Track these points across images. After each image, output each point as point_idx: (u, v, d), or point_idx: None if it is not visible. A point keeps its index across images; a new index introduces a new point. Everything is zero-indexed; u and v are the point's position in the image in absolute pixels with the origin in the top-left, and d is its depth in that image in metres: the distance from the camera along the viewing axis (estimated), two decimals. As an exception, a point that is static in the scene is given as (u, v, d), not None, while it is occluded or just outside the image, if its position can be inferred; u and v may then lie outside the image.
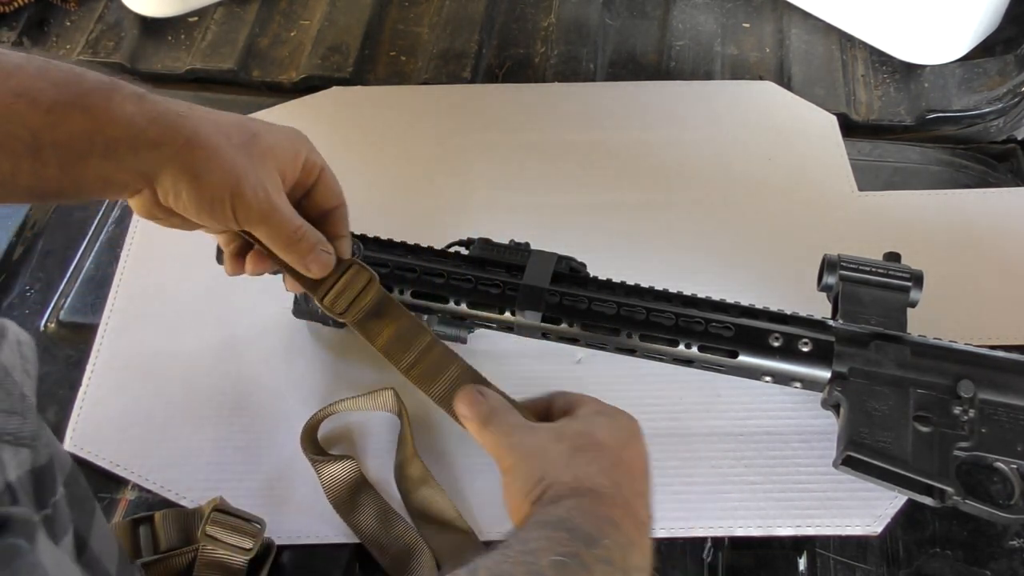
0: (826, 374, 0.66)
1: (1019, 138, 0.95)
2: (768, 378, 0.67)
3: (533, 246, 0.71)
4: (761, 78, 1.01)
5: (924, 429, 0.63)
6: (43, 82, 0.48)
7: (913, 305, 0.68)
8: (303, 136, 0.59)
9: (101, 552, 0.47)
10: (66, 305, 0.82)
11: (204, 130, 0.53)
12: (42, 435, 0.41)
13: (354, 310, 0.59)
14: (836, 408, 0.66)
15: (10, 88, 0.47)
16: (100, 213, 0.89)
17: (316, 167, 0.59)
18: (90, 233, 0.87)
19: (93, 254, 0.86)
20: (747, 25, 1.08)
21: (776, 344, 0.66)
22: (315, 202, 0.60)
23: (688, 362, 0.67)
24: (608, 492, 0.48)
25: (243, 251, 0.61)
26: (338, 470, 0.68)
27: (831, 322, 0.67)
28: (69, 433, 0.72)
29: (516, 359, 0.75)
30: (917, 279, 0.68)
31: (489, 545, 0.58)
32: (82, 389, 0.74)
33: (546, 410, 0.56)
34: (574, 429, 0.52)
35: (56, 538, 0.39)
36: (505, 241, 0.72)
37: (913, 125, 0.97)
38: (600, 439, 0.51)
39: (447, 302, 0.69)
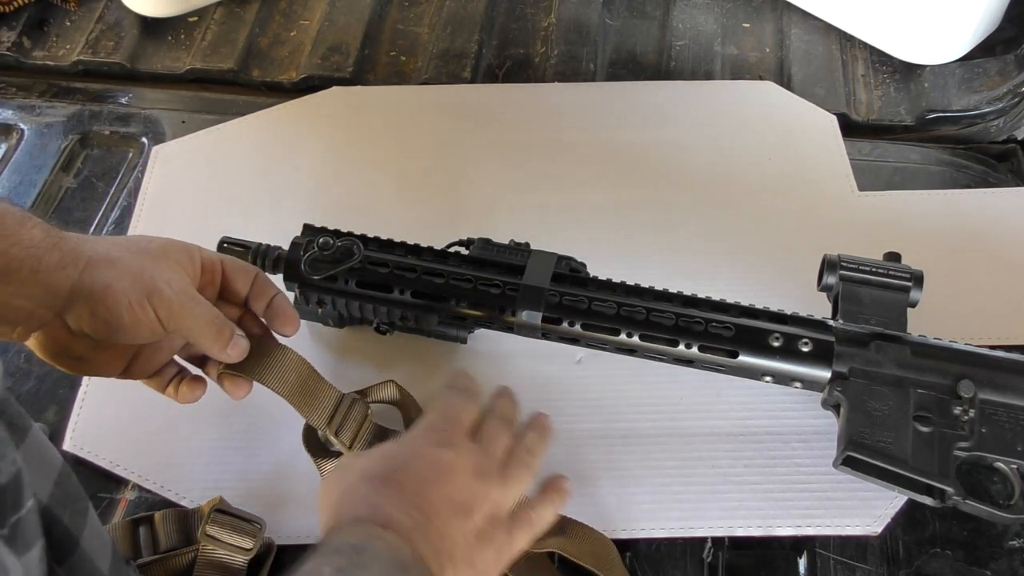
0: (826, 374, 0.66)
1: (1019, 138, 0.95)
2: (768, 378, 0.67)
3: (533, 246, 0.71)
4: (761, 78, 1.01)
5: (924, 429, 0.63)
6: None
7: (913, 305, 0.68)
8: (189, 243, 0.61)
9: (93, 551, 0.47)
10: (66, 305, 0.82)
11: (102, 248, 0.54)
12: (6, 453, 0.40)
13: (358, 442, 0.65)
14: (836, 408, 0.66)
15: None
16: (100, 213, 0.89)
17: (215, 262, 0.62)
18: (90, 233, 0.87)
19: (93, 254, 0.85)
20: (747, 25, 1.08)
21: (776, 344, 0.66)
22: (232, 291, 0.63)
23: (688, 362, 0.67)
24: (364, 515, 0.49)
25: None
26: (337, 470, 0.68)
27: (831, 322, 0.67)
28: (69, 433, 0.72)
29: (516, 359, 0.75)
30: (917, 279, 0.68)
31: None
32: (82, 389, 0.74)
33: None
34: (359, 466, 0.53)
35: (19, 553, 0.39)
36: (505, 241, 0.72)
37: (913, 125, 0.97)
38: (374, 470, 0.52)
39: (447, 302, 0.69)
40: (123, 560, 0.52)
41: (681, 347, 0.66)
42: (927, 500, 0.63)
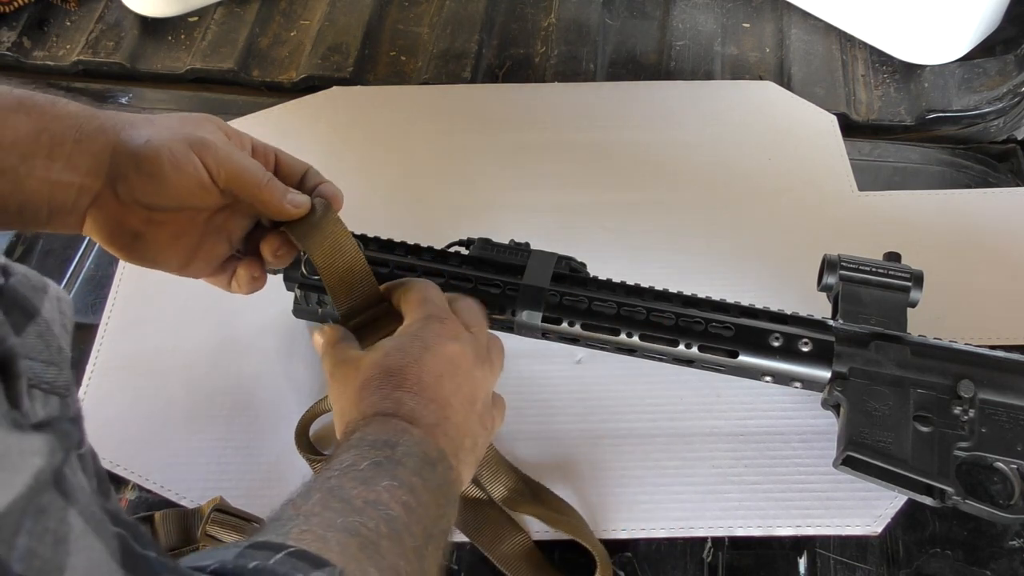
0: (826, 374, 0.65)
1: (1019, 138, 0.95)
2: (768, 378, 0.67)
3: (533, 246, 0.71)
4: (761, 78, 1.01)
5: (924, 429, 0.63)
6: None
7: (913, 305, 0.68)
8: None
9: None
10: (66, 305, 0.82)
11: (138, 117, 0.55)
12: (73, 390, 0.42)
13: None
14: (836, 408, 0.66)
15: None
16: (100, 213, 0.88)
17: (270, 151, 0.61)
18: (90, 233, 0.87)
19: (93, 254, 0.86)
20: (747, 25, 1.08)
21: (776, 344, 0.66)
22: (283, 178, 0.62)
23: (688, 362, 0.67)
24: (389, 410, 0.51)
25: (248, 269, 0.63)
26: (336, 470, 0.68)
27: (831, 322, 0.67)
28: (69, 433, 0.72)
29: (516, 359, 0.75)
30: (917, 279, 0.68)
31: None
32: (82, 389, 0.74)
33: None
34: (371, 360, 0.54)
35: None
36: (505, 241, 0.72)
37: (913, 125, 0.97)
38: (389, 364, 0.53)
39: (447, 302, 0.68)
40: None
41: (681, 347, 0.66)
42: (927, 500, 0.63)
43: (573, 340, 0.69)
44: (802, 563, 0.66)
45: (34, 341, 0.41)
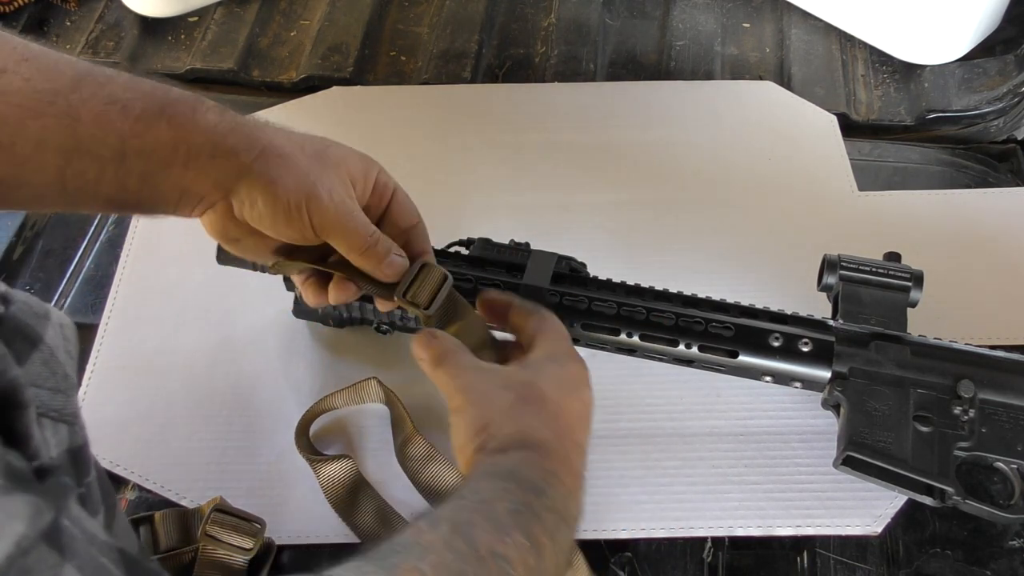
0: (826, 374, 0.65)
1: (1019, 138, 0.95)
2: (768, 378, 0.67)
3: (533, 246, 0.71)
4: (761, 78, 1.01)
5: (924, 429, 0.63)
6: (132, 92, 0.49)
7: (913, 305, 0.68)
8: (373, 159, 0.59)
9: (122, 544, 0.47)
10: (66, 305, 0.82)
11: (278, 140, 0.54)
12: (80, 418, 0.42)
13: (434, 307, 0.59)
14: (836, 408, 0.66)
15: (104, 95, 0.48)
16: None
17: (388, 188, 0.60)
18: (90, 233, 0.87)
19: (93, 254, 0.86)
20: (747, 25, 1.08)
21: (776, 344, 0.66)
22: (392, 223, 0.60)
23: (688, 362, 0.67)
24: (551, 446, 0.50)
25: (318, 282, 0.61)
26: (336, 470, 0.68)
27: (831, 322, 0.67)
28: (69, 433, 0.72)
29: (516, 359, 0.75)
30: (917, 279, 0.68)
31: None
32: (82, 389, 0.74)
33: (509, 343, 0.58)
34: (522, 378, 0.53)
35: (90, 514, 0.40)
36: (505, 241, 0.72)
37: (913, 125, 0.97)
38: (545, 390, 0.52)
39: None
40: (146, 555, 0.53)
41: (681, 347, 0.66)
42: (927, 500, 0.63)
43: (573, 340, 0.68)
44: (802, 563, 0.66)
45: (39, 369, 0.40)
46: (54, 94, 0.46)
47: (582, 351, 0.73)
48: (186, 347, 0.77)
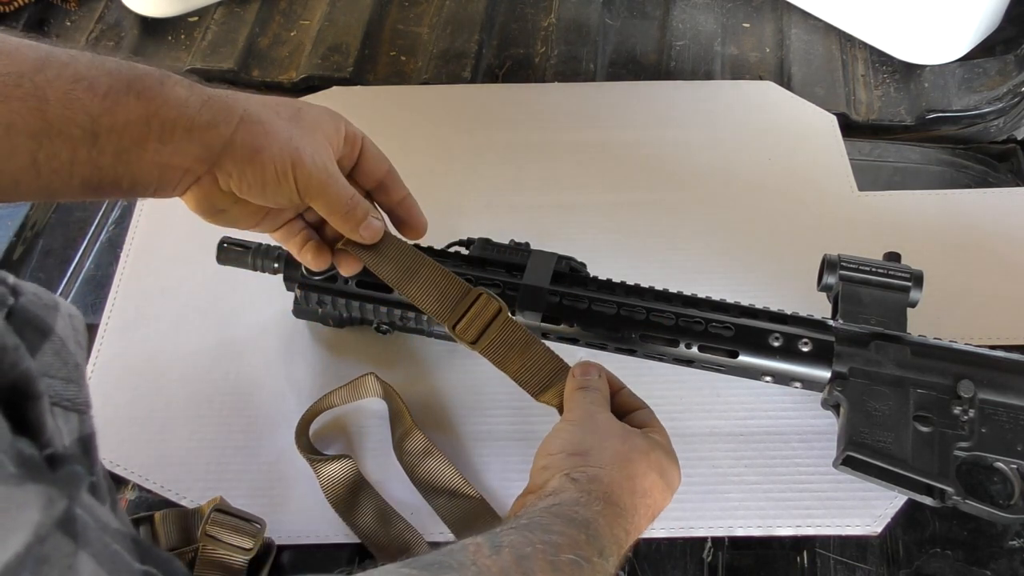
0: (826, 374, 0.65)
1: (1019, 138, 0.95)
2: (768, 378, 0.67)
3: (533, 246, 0.71)
4: (761, 78, 1.01)
5: (924, 429, 0.63)
6: (97, 70, 0.49)
7: (913, 305, 0.68)
8: (338, 113, 0.61)
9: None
10: (66, 305, 0.82)
11: (253, 108, 0.54)
12: (91, 408, 0.42)
13: (484, 340, 0.60)
14: (836, 408, 0.66)
15: (69, 75, 0.48)
16: (100, 213, 0.89)
17: (357, 138, 0.61)
18: (90, 233, 0.87)
19: (93, 254, 0.86)
20: (747, 25, 1.08)
21: (776, 344, 0.66)
22: (364, 173, 0.62)
23: (688, 362, 0.67)
24: (629, 515, 0.51)
25: (318, 244, 0.62)
26: (336, 470, 0.68)
27: (831, 322, 0.67)
28: (69, 433, 0.72)
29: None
30: (917, 279, 0.68)
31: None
32: (82, 389, 0.74)
33: (625, 412, 0.59)
34: (639, 445, 0.55)
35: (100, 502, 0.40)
36: (505, 241, 0.72)
37: (913, 125, 0.97)
38: (647, 467, 0.54)
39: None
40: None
41: (681, 347, 0.66)
42: (927, 500, 0.63)
43: (573, 340, 0.69)
44: (802, 563, 0.66)
45: (51, 359, 0.41)
46: (19, 76, 0.46)
47: (582, 351, 0.74)
48: (186, 347, 0.77)
